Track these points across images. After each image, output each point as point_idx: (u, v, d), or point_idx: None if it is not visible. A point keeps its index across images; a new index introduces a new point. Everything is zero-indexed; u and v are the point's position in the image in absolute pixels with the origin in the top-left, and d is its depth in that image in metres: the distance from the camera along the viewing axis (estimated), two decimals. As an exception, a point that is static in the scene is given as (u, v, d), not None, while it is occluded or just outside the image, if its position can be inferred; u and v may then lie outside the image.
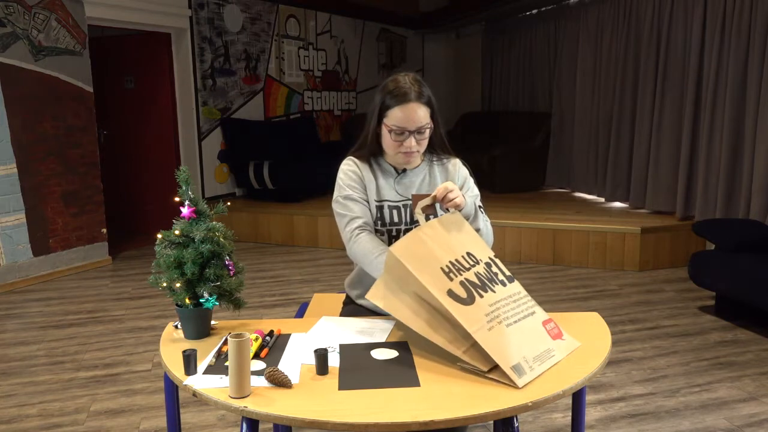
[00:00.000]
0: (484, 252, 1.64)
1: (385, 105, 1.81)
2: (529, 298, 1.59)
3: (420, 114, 1.79)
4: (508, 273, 1.62)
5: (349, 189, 1.89)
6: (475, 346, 1.41)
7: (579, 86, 6.47)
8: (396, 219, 1.87)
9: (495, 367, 1.39)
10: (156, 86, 5.98)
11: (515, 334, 1.44)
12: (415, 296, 1.50)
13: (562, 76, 6.86)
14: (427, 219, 1.69)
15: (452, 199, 1.67)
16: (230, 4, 6.33)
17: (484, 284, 1.52)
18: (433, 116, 1.84)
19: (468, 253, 1.59)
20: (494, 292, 1.52)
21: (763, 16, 4.33)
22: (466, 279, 1.51)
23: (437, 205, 1.75)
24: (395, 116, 1.79)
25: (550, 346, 1.48)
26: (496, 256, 1.65)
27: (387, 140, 1.84)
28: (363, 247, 1.80)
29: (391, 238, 1.87)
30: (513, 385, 1.34)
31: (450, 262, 1.54)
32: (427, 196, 1.71)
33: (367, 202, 1.90)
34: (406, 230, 1.86)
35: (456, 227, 1.65)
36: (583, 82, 6.42)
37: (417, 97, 1.79)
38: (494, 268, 1.60)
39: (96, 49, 5.39)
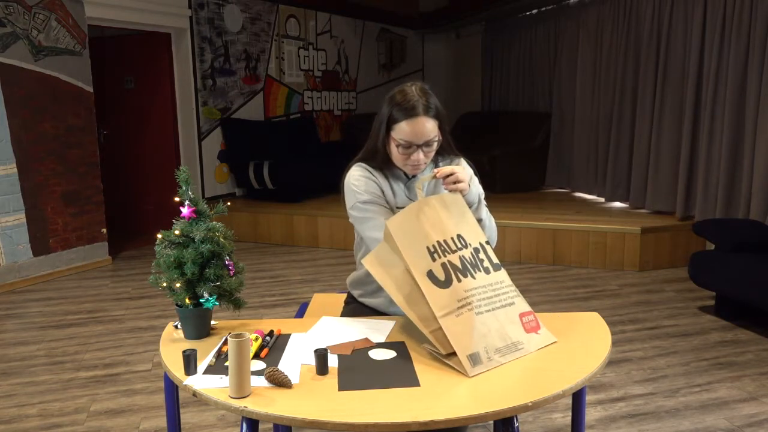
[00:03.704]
0: (476, 237, 1.64)
1: (393, 118, 1.79)
2: (513, 288, 1.60)
3: (428, 127, 1.77)
4: (495, 261, 1.62)
5: (368, 194, 1.84)
6: (442, 329, 1.43)
7: (579, 86, 6.47)
8: None
9: (454, 353, 1.41)
10: (156, 86, 5.98)
11: (484, 323, 1.46)
12: (404, 270, 1.53)
13: (562, 76, 6.86)
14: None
15: (455, 182, 1.69)
16: (230, 4, 6.33)
17: (466, 269, 1.53)
18: (440, 127, 1.82)
19: (459, 236, 1.60)
20: (474, 278, 1.53)
21: (763, 16, 4.33)
22: (449, 261, 1.53)
23: (439, 183, 1.76)
24: (403, 130, 1.77)
25: (521, 339, 1.50)
26: (487, 242, 1.66)
27: (395, 153, 1.82)
28: None
29: None
30: (464, 373, 1.37)
31: (438, 241, 1.56)
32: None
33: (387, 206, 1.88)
34: None
35: (455, 208, 1.66)
36: (583, 82, 6.42)
37: (425, 111, 1.76)
38: (482, 255, 1.61)
39: (96, 49, 5.39)
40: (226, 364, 1.37)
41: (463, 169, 1.76)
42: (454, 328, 1.42)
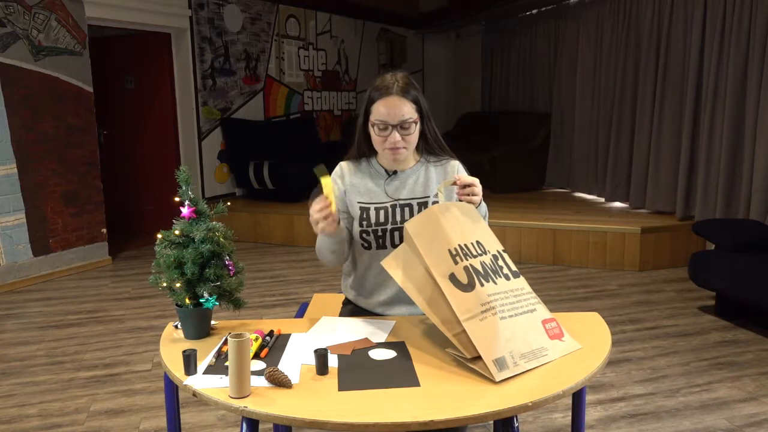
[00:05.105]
0: (493, 244, 1.65)
1: (370, 99, 1.84)
2: (533, 295, 1.60)
3: (402, 108, 1.79)
4: (514, 268, 1.62)
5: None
6: (466, 332, 1.42)
7: (579, 86, 6.47)
8: (382, 219, 1.87)
9: (479, 357, 1.40)
10: (156, 86, 5.98)
11: (508, 328, 1.45)
12: (424, 272, 1.53)
13: (562, 76, 6.86)
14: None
15: (471, 194, 1.70)
16: (230, 4, 6.33)
17: (487, 274, 1.53)
18: (420, 113, 1.84)
19: (477, 242, 1.60)
20: (495, 283, 1.53)
21: (763, 16, 4.33)
22: (471, 265, 1.53)
23: (451, 191, 1.76)
24: (378, 110, 1.81)
25: (545, 345, 1.49)
26: (504, 251, 1.66)
27: (374, 136, 1.85)
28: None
29: (378, 237, 1.88)
30: (491, 378, 1.35)
31: (459, 245, 1.56)
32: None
33: (343, 212, 1.92)
34: (392, 230, 1.86)
35: (471, 216, 1.67)
36: (583, 82, 6.42)
37: (399, 92, 1.80)
38: (500, 262, 1.61)
39: (96, 49, 5.39)
40: (226, 364, 1.36)
41: (479, 185, 1.76)
42: (479, 332, 1.41)
